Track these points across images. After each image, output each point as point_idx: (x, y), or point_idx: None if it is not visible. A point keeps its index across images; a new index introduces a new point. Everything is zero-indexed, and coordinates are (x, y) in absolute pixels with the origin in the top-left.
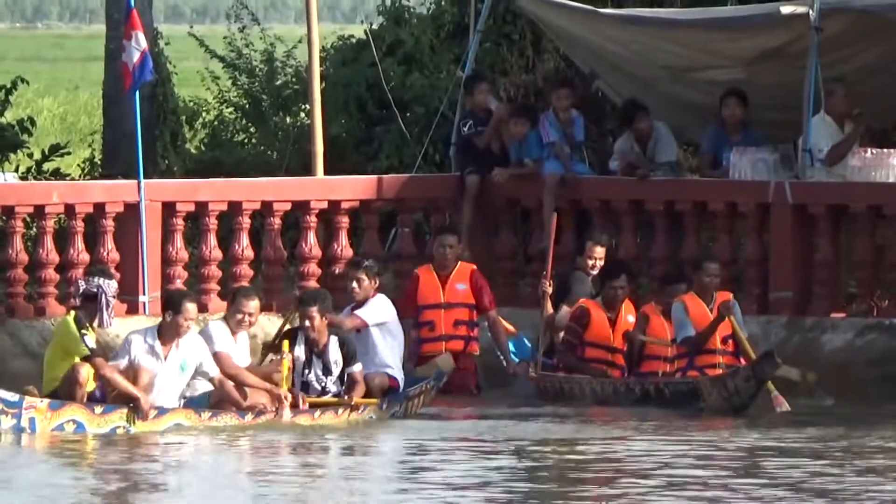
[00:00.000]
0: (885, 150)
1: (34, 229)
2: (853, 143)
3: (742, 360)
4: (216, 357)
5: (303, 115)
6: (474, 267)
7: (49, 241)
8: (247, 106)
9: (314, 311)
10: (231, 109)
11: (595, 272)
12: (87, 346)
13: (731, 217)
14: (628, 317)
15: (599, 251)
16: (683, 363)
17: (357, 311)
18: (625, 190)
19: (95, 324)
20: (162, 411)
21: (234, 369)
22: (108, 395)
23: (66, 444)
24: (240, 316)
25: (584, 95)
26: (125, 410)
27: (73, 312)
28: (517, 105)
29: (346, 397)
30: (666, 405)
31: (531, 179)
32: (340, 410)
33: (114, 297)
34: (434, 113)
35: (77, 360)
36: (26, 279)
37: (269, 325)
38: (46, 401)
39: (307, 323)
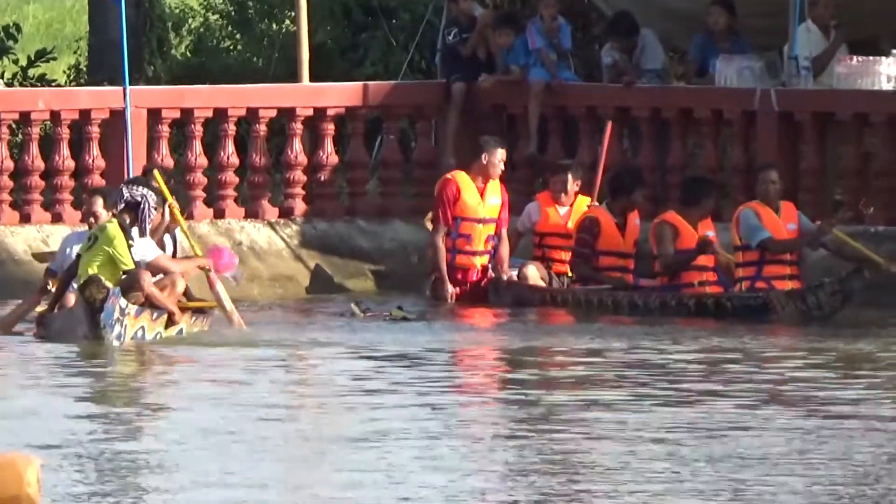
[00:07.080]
0: (872, 58)
1: (20, 136)
2: (834, 53)
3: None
4: (156, 265)
5: (289, 21)
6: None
7: (34, 148)
8: (233, 13)
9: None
10: (217, 16)
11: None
12: (133, 258)
13: (717, 124)
14: (635, 220)
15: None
16: (751, 272)
17: None
18: (611, 97)
19: (135, 233)
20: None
21: (177, 264)
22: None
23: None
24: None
25: (570, 3)
26: (165, 317)
27: (114, 220)
28: (501, 14)
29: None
30: (727, 318)
31: (517, 86)
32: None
33: (154, 208)
34: (420, 20)
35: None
36: (12, 186)
37: (255, 232)
38: (133, 307)
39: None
